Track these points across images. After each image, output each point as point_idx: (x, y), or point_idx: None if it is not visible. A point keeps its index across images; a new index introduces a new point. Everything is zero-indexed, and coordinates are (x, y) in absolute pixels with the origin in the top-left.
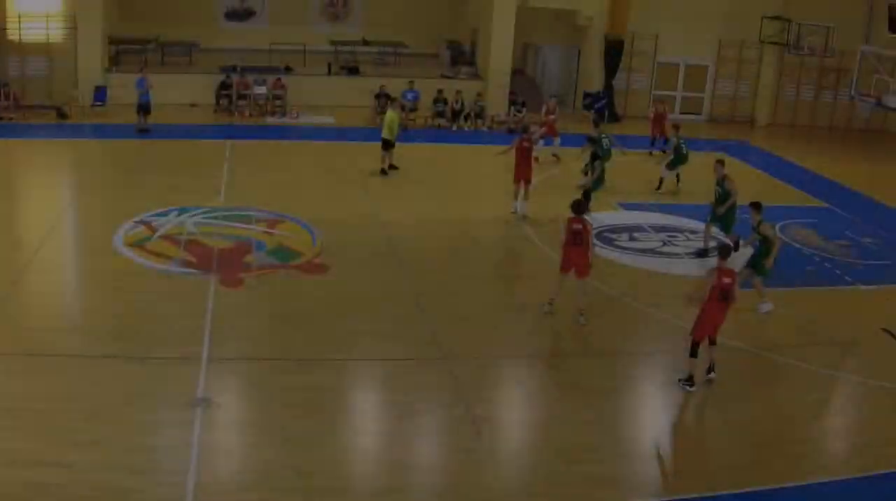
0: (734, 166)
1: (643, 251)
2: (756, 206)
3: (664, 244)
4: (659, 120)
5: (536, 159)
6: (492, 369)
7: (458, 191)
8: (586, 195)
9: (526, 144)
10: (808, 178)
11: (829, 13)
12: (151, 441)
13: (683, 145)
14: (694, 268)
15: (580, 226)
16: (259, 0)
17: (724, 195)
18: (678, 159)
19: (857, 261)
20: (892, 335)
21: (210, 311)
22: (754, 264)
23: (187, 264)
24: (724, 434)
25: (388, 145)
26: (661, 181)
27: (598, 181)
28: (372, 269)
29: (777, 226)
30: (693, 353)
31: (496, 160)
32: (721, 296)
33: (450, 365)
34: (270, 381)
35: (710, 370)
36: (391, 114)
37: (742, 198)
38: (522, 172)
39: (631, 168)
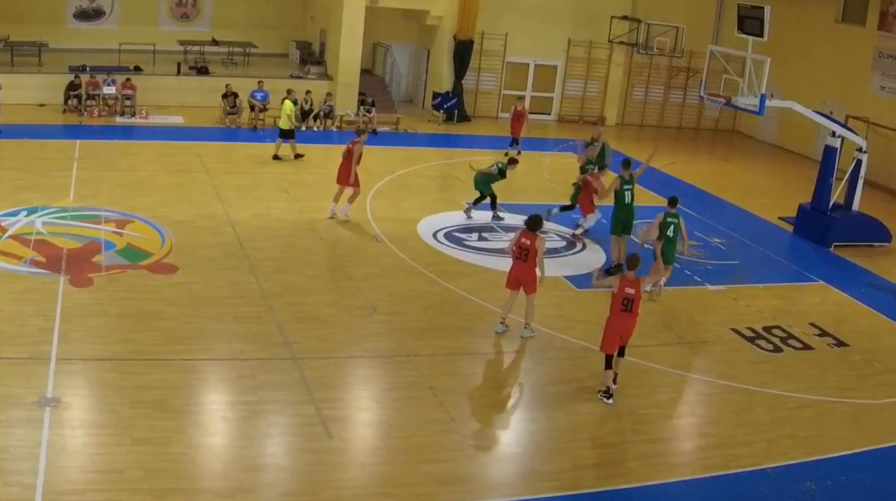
0: None
1: (493, 251)
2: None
3: None
4: (518, 118)
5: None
6: (341, 368)
7: (306, 191)
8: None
9: (350, 146)
10: (657, 178)
11: (678, 14)
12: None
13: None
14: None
15: (528, 242)
16: (108, 0)
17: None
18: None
19: (705, 261)
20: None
21: (59, 311)
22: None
23: (36, 264)
24: (575, 433)
25: (287, 134)
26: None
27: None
28: (221, 269)
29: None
30: (607, 365)
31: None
32: (623, 306)
33: (299, 364)
34: (119, 381)
35: (613, 380)
36: (288, 104)
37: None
38: (343, 175)
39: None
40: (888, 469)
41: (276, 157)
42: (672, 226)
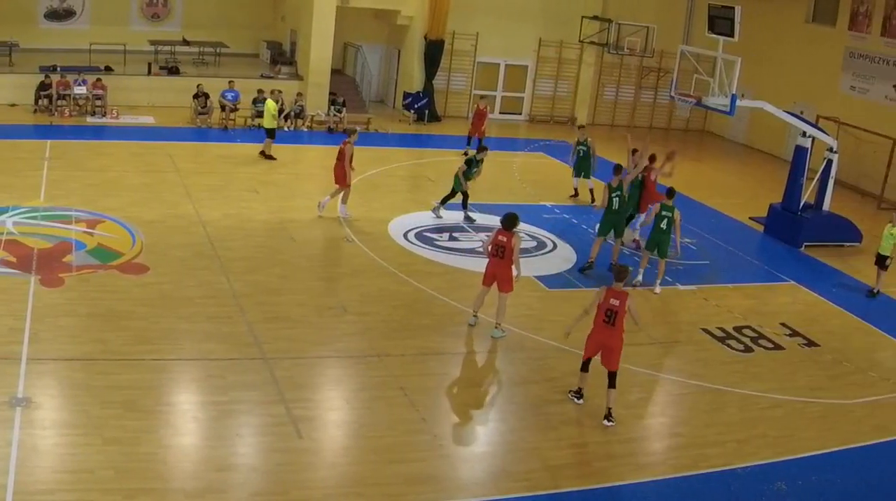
0: (554, 167)
1: (463, 251)
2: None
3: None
4: (480, 117)
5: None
6: (312, 368)
7: (277, 191)
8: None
9: (341, 146)
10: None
11: (648, 14)
12: None
13: (582, 148)
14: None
15: (504, 240)
16: (79, 0)
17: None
18: (583, 162)
19: (676, 262)
20: None
21: (30, 311)
22: None
23: (7, 264)
24: (545, 434)
25: (271, 133)
26: (575, 191)
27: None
28: (192, 269)
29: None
30: (582, 368)
31: (315, 161)
32: (606, 317)
33: (270, 364)
34: (90, 381)
35: (606, 417)
36: (271, 104)
37: (558, 198)
38: (339, 176)
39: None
40: (858, 468)
41: (262, 153)
42: (665, 220)
